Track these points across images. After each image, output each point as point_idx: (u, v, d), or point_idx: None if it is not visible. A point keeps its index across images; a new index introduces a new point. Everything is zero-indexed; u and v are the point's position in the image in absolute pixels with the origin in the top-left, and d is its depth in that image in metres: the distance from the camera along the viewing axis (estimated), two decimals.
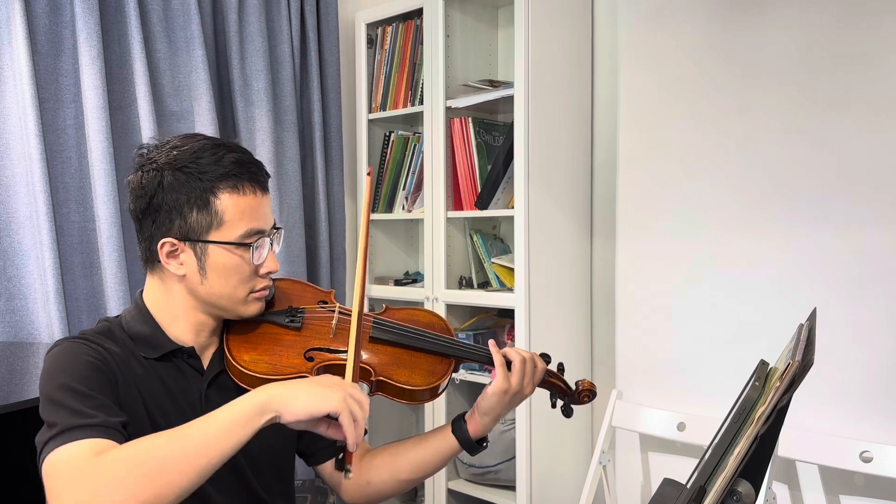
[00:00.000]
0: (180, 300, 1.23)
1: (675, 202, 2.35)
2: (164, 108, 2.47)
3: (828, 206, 2.06)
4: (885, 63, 1.96)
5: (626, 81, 2.46)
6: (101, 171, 2.25)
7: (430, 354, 1.33)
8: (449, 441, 1.35)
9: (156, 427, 1.17)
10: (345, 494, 1.40)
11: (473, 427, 1.35)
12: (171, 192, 1.17)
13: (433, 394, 1.31)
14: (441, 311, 2.56)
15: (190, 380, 1.24)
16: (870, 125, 1.99)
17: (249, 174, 1.20)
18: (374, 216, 2.88)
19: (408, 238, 3.00)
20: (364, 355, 1.30)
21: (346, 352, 1.22)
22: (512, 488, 2.42)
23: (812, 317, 1.08)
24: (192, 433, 1.01)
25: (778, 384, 0.83)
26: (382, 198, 2.86)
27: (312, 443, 1.39)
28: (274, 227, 1.26)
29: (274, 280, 1.34)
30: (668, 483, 1.24)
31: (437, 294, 2.58)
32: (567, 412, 1.42)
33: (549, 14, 2.37)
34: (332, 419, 1.07)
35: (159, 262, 1.20)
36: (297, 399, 1.04)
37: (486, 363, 1.35)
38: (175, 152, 1.19)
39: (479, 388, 2.57)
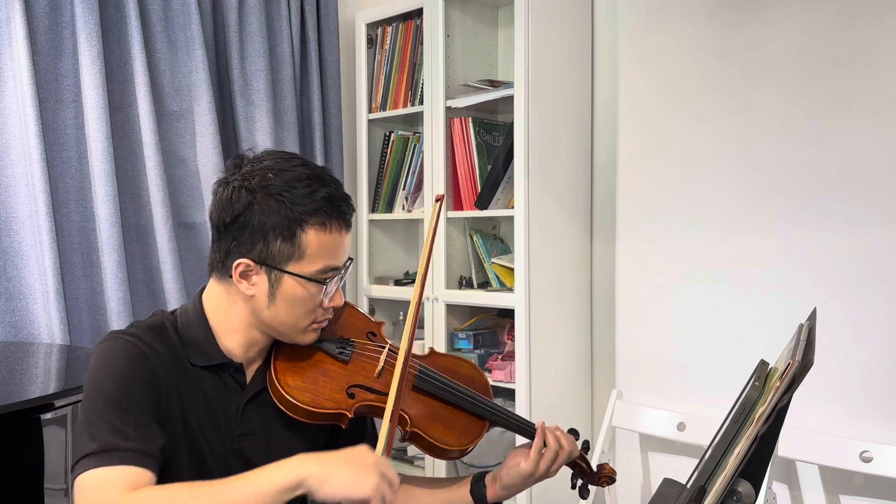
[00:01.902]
0: (241, 316, 1.23)
1: (676, 202, 2.35)
2: (164, 108, 2.47)
3: (828, 206, 2.06)
4: (885, 63, 1.96)
5: (626, 81, 2.46)
6: (101, 171, 2.25)
7: (467, 414, 1.33)
8: (465, 499, 1.35)
9: (189, 435, 1.18)
10: None
11: (492, 494, 1.35)
12: (259, 216, 1.16)
13: (462, 454, 1.32)
14: (441, 311, 2.56)
15: (231, 393, 1.24)
16: (870, 125, 1.99)
17: (339, 212, 1.19)
18: (374, 216, 2.88)
19: (408, 238, 3.00)
20: (404, 402, 1.28)
21: (387, 395, 1.21)
22: None
23: (812, 317, 1.08)
24: (223, 493, 1.03)
25: (778, 384, 0.83)
26: (382, 198, 2.86)
27: None
28: (347, 261, 1.25)
29: None
30: (668, 483, 1.24)
31: (437, 294, 2.58)
32: (584, 494, 1.42)
33: (549, 14, 2.37)
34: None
35: (230, 276, 1.20)
36: (331, 481, 1.04)
37: (522, 434, 1.36)
38: (270, 175, 1.18)
39: None
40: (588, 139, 2.53)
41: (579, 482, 1.42)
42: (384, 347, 1.32)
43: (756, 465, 0.84)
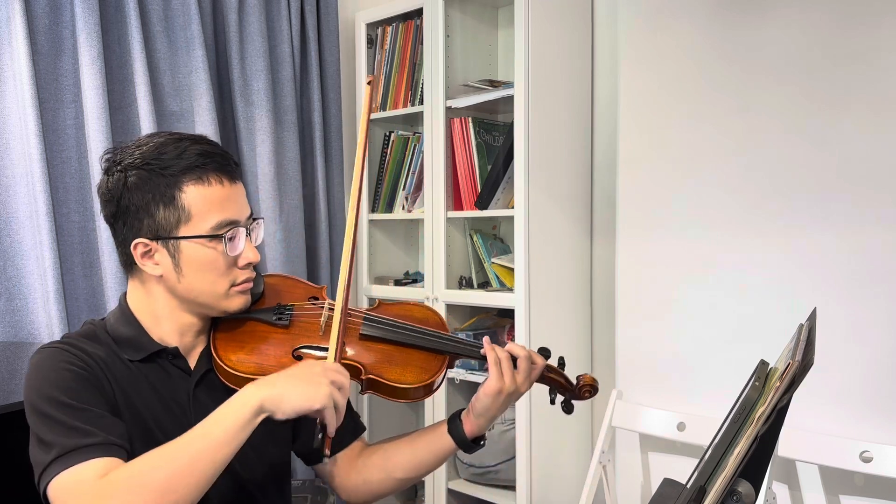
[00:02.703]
0: (162, 301, 1.21)
1: (675, 202, 2.35)
2: (164, 108, 2.47)
3: (828, 206, 2.06)
4: (885, 63, 1.96)
5: (626, 81, 2.46)
6: (100, 171, 2.25)
7: (423, 351, 1.29)
8: (444, 440, 1.32)
9: (145, 429, 1.17)
10: (342, 492, 1.39)
11: (469, 427, 1.31)
12: (136, 192, 1.16)
13: (427, 391, 1.27)
14: (441, 311, 2.56)
15: (176, 381, 1.23)
16: (870, 125, 1.99)
17: (215, 164, 1.17)
18: (374, 216, 2.88)
19: (408, 238, 3.00)
20: (353, 352, 1.26)
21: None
22: (512, 488, 2.42)
23: (812, 317, 1.08)
24: (193, 445, 1.03)
25: (778, 384, 0.83)
26: (382, 198, 2.86)
27: (307, 443, 1.37)
28: (251, 217, 1.23)
29: (263, 276, 1.31)
30: (668, 483, 1.24)
31: (437, 294, 2.58)
32: (567, 408, 1.37)
33: (549, 14, 2.37)
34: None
35: (136, 264, 1.19)
36: (285, 399, 1.07)
37: (483, 360, 1.30)
38: (139, 151, 1.18)
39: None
40: (588, 139, 2.53)
41: (559, 397, 1.37)
42: (324, 304, 1.30)
43: (756, 465, 0.84)
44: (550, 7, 2.37)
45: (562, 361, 1.38)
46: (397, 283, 2.84)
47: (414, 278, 2.88)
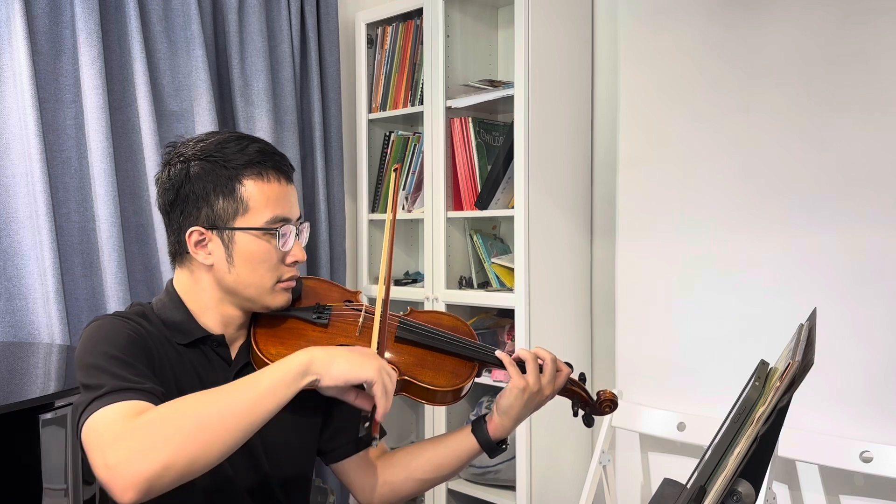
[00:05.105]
0: (209, 291, 1.24)
1: (675, 202, 2.35)
2: (164, 108, 2.47)
3: (828, 205, 2.06)
4: (885, 63, 1.96)
5: (626, 81, 2.46)
6: (101, 171, 2.25)
7: (454, 357, 1.33)
8: (468, 441, 1.35)
9: None
10: (361, 493, 1.40)
11: (493, 428, 1.34)
12: (197, 182, 1.20)
13: (456, 396, 1.31)
14: None
15: (217, 369, 1.25)
16: (869, 125, 1.99)
17: (273, 162, 1.23)
18: (374, 216, 2.88)
19: (408, 238, 3.00)
20: (389, 355, 1.30)
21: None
22: (512, 488, 2.42)
23: (812, 317, 1.08)
24: (237, 392, 1.03)
25: (778, 384, 0.83)
26: (382, 198, 2.86)
27: (333, 438, 1.39)
28: (300, 219, 1.27)
29: (301, 278, 1.35)
30: (668, 483, 1.24)
31: (437, 294, 2.58)
32: (588, 422, 1.41)
33: (549, 14, 2.37)
34: (361, 389, 1.11)
35: (188, 252, 1.22)
36: (336, 364, 1.08)
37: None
38: (201, 144, 1.23)
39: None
40: (588, 139, 2.53)
41: (580, 411, 1.41)
42: (361, 308, 1.34)
43: (756, 465, 0.84)
44: (550, 7, 2.37)
45: (583, 377, 1.41)
46: (397, 283, 2.84)
47: (414, 278, 2.88)
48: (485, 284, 2.61)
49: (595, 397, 1.40)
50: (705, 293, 2.30)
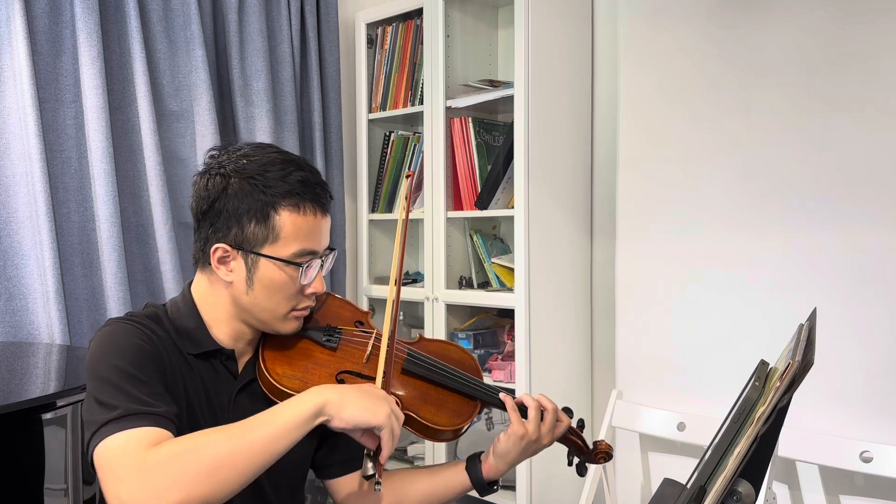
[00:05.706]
0: (224, 305, 1.24)
1: (676, 202, 2.35)
2: (164, 108, 2.47)
3: (828, 206, 2.06)
4: (885, 63, 1.96)
5: (626, 81, 2.46)
6: (101, 171, 2.25)
7: (458, 395, 1.33)
8: (460, 478, 1.35)
9: (193, 417, 1.19)
10: None
11: (487, 468, 1.34)
12: (233, 200, 1.18)
13: (455, 435, 1.31)
14: (441, 311, 2.56)
15: (223, 381, 1.25)
16: (869, 125, 1.99)
17: (313, 195, 1.20)
18: (374, 216, 2.88)
19: (408, 238, 2.99)
20: (393, 385, 1.29)
21: (375, 379, 1.22)
22: (512, 488, 2.42)
23: (812, 317, 1.08)
24: (250, 433, 1.03)
25: (778, 384, 0.83)
26: (382, 198, 2.86)
27: (328, 456, 1.40)
28: (328, 248, 1.26)
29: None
30: (668, 483, 1.24)
31: (437, 294, 2.58)
32: (581, 471, 1.41)
33: (549, 14, 2.37)
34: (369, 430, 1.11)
35: (210, 264, 1.22)
36: (348, 408, 1.08)
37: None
38: (244, 161, 1.20)
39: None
40: (588, 139, 2.53)
41: (576, 459, 1.41)
42: (371, 334, 1.33)
43: (756, 465, 0.84)
44: (550, 7, 2.37)
45: (581, 424, 1.42)
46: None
47: (414, 278, 2.88)
48: (485, 284, 2.61)
49: (591, 447, 1.41)
50: (705, 293, 2.30)
